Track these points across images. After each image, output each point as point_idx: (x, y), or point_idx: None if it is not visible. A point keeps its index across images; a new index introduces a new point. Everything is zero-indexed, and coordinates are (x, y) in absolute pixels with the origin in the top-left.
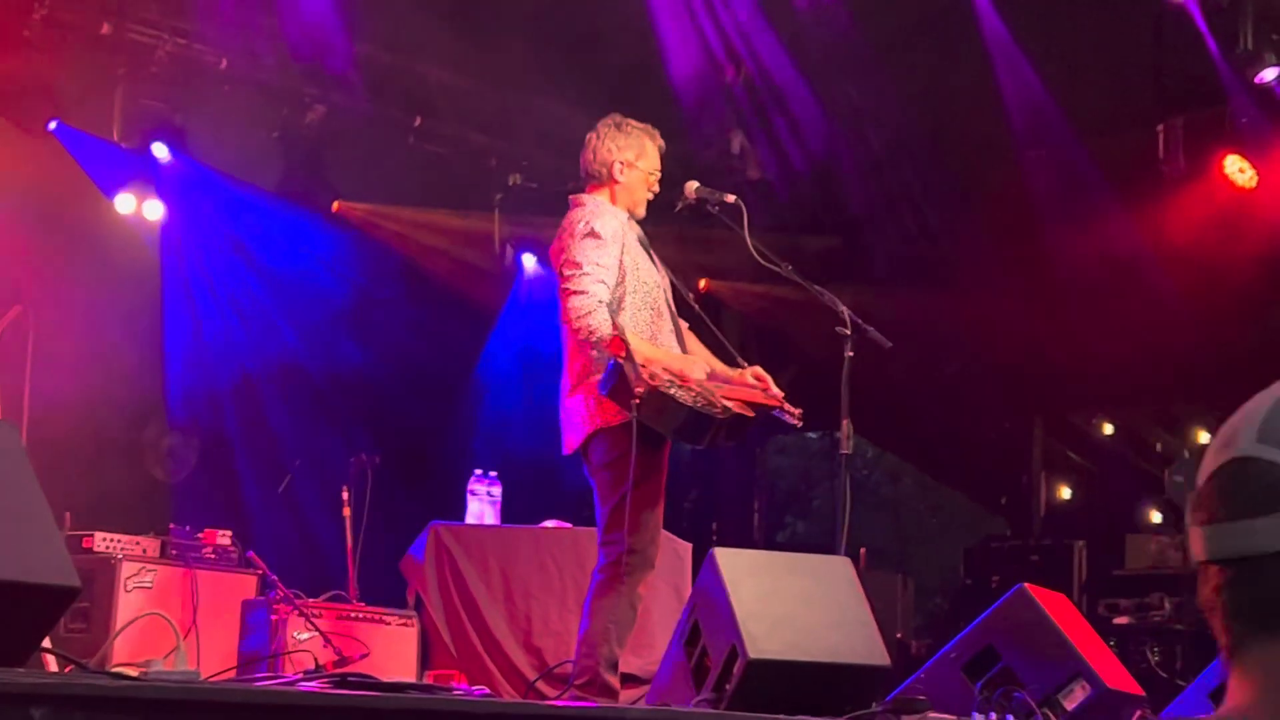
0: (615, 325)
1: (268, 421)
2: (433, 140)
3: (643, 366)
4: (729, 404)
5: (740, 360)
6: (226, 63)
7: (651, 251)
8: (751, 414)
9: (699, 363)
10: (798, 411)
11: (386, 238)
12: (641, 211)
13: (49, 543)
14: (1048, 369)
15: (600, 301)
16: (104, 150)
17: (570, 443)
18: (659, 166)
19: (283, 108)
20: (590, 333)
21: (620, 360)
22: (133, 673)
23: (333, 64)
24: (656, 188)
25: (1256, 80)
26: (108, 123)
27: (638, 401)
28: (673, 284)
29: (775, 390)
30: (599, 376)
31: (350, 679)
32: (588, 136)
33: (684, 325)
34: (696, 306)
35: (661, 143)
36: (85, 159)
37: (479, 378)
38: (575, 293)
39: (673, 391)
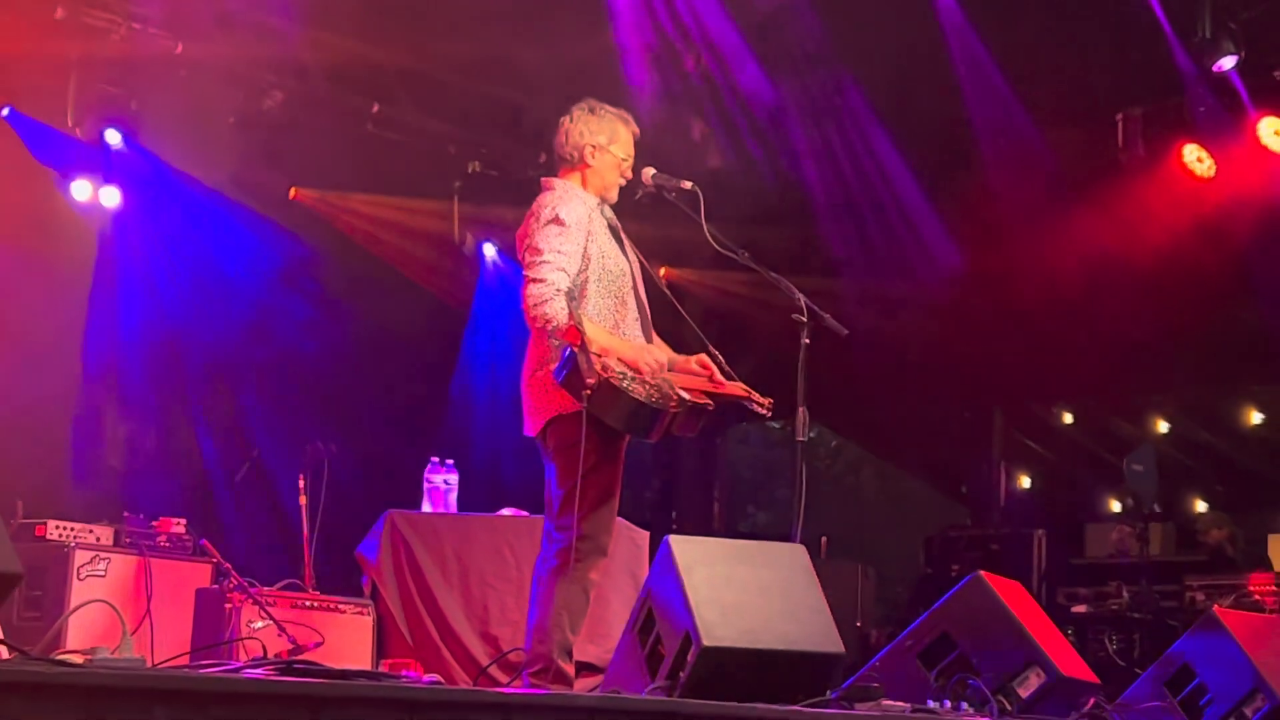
0: (572, 314)
1: (224, 410)
2: (391, 127)
3: (597, 356)
4: (685, 395)
5: (711, 349)
6: (182, 48)
7: (623, 238)
8: (710, 404)
9: (658, 352)
10: (767, 401)
11: (343, 225)
12: (613, 196)
13: None
14: (1008, 359)
15: (558, 290)
16: (57, 138)
17: (530, 426)
18: (632, 152)
19: (239, 93)
20: (546, 321)
21: (575, 349)
22: (78, 660)
23: (290, 50)
24: (629, 173)
25: (1215, 69)
26: (62, 109)
27: (589, 393)
28: (644, 270)
29: (720, 377)
30: (556, 364)
31: (296, 665)
32: (560, 120)
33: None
34: (668, 293)
35: (635, 128)
36: (38, 146)
37: (437, 365)
38: (534, 280)
39: (625, 385)
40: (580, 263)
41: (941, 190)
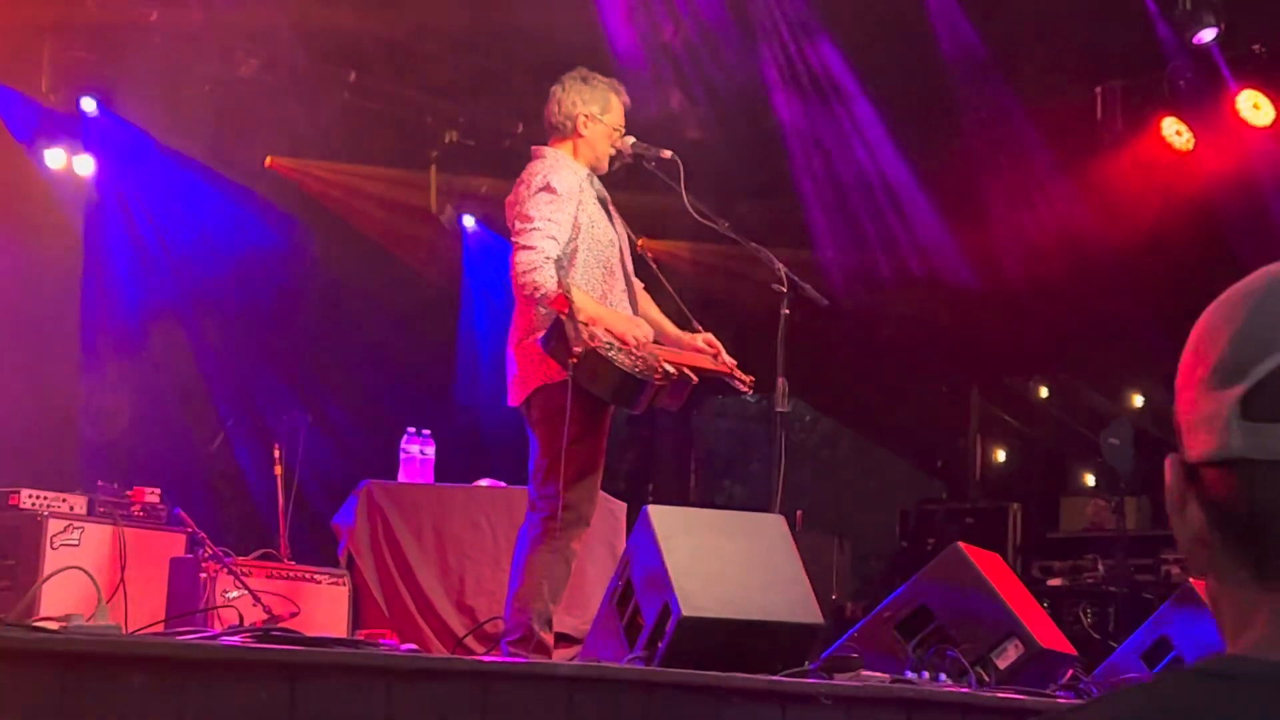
0: (561, 282)
1: (199, 379)
2: (368, 96)
3: (584, 325)
4: (670, 368)
5: (696, 324)
6: (157, 14)
7: (611, 209)
8: (694, 379)
9: (644, 325)
10: (749, 379)
11: (320, 194)
12: (604, 166)
13: None
14: (984, 333)
15: (548, 258)
16: (28, 105)
17: (514, 395)
18: (623, 122)
19: (214, 61)
20: (535, 289)
21: (562, 317)
22: (53, 626)
23: (266, 18)
24: (620, 143)
25: (1195, 41)
26: (36, 76)
27: (575, 361)
28: (631, 243)
29: (726, 357)
30: (543, 333)
31: (274, 633)
32: (552, 89)
33: (639, 286)
34: (654, 266)
35: (627, 99)
36: (8, 114)
37: (415, 335)
38: (524, 248)
39: (611, 354)
40: (570, 231)
41: (921, 162)
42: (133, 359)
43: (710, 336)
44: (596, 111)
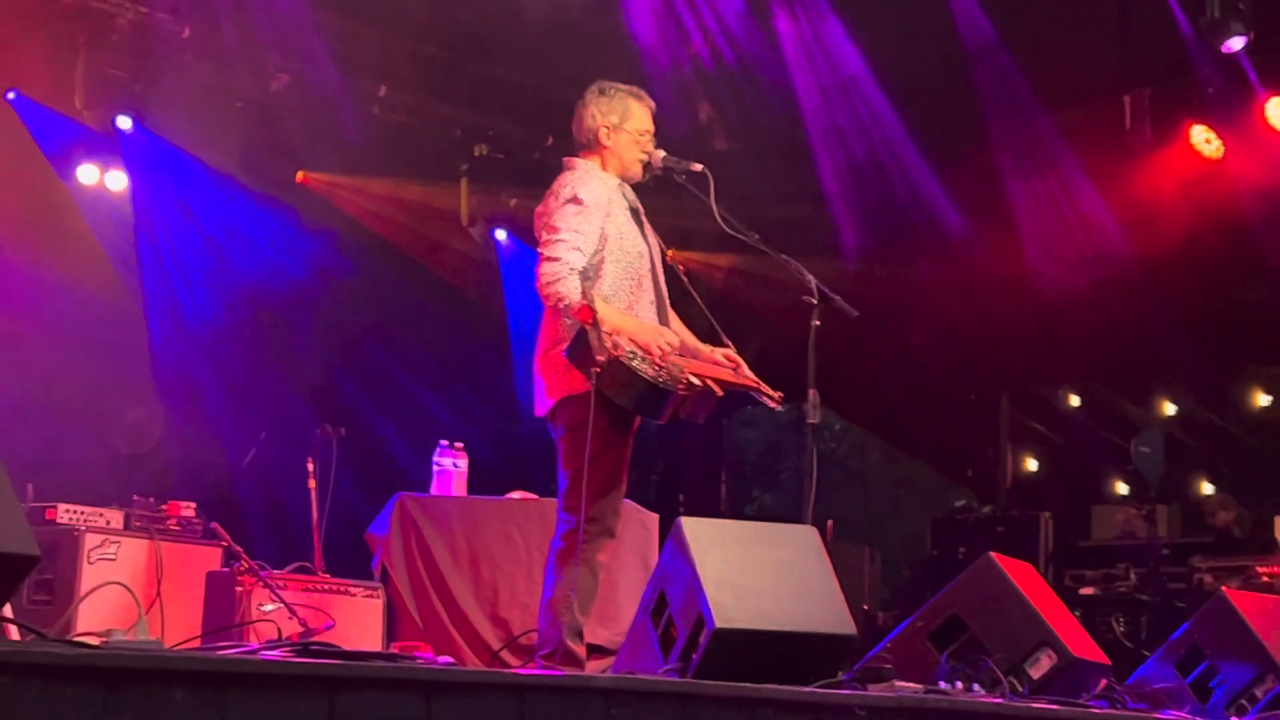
0: (585, 292)
1: (233, 393)
2: (398, 110)
3: (607, 335)
4: (695, 379)
5: (725, 339)
6: (189, 31)
7: (644, 221)
8: (720, 392)
9: (670, 335)
10: (778, 395)
11: (352, 208)
12: (636, 173)
13: (7, 510)
14: (1013, 341)
15: (572, 269)
16: (63, 122)
17: (540, 406)
18: (649, 126)
19: (246, 77)
20: (559, 299)
21: (586, 327)
22: (94, 642)
23: (296, 33)
24: (650, 147)
25: (1223, 49)
26: (69, 93)
27: (598, 370)
28: (662, 256)
29: (748, 372)
30: (567, 344)
31: (313, 647)
32: (576, 106)
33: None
34: (685, 280)
35: (651, 103)
36: (42, 131)
37: (448, 348)
38: (549, 259)
39: (634, 364)
40: (597, 243)
41: (950, 172)
42: (166, 373)
43: (730, 351)
44: (616, 121)
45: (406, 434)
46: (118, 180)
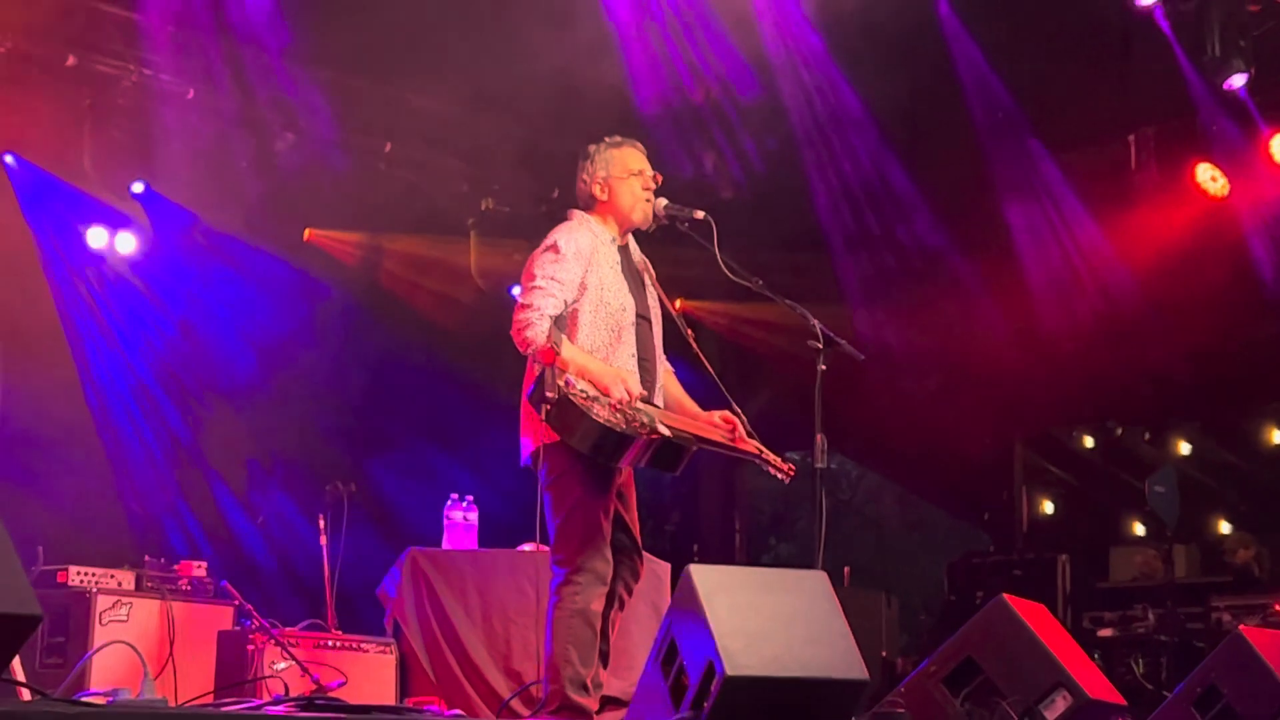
0: (550, 335)
1: (245, 451)
2: (403, 165)
3: (560, 373)
4: (664, 429)
5: (733, 405)
6: (193, 93)
7: (647, 279)
8: (692, 445)
9: (634, 380)
10: (786, 467)
11: (359, 264)
12: (641, 215)
13: (8, 572)
14: (1026, 384)
15: (543, 314)
16: (69, 187)
17: (523, 454)
18: (644, 165)
19: (251, 137)
20: (526, 344)
21: (546, 368)
22: (100, 701)
23: (299, 91)
24: (652, 184)
25: (1225, 87)
26: (77, 157)
27: (548, 408)
28: (666, 315)
29: (745, 437)
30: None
31: (317, 702)
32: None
33: (669, 369)
34: (694, 345)
35: (636, 143)
36: (49, 195)
37: (456, 403)
38: (523, 306)
39: (584, 404)
40: (575, 291)
41: (955, 215)
42: (177, 432)
43: (727, 414)
44: (604, 174)
45: (417, 488)
46: (127, 242)
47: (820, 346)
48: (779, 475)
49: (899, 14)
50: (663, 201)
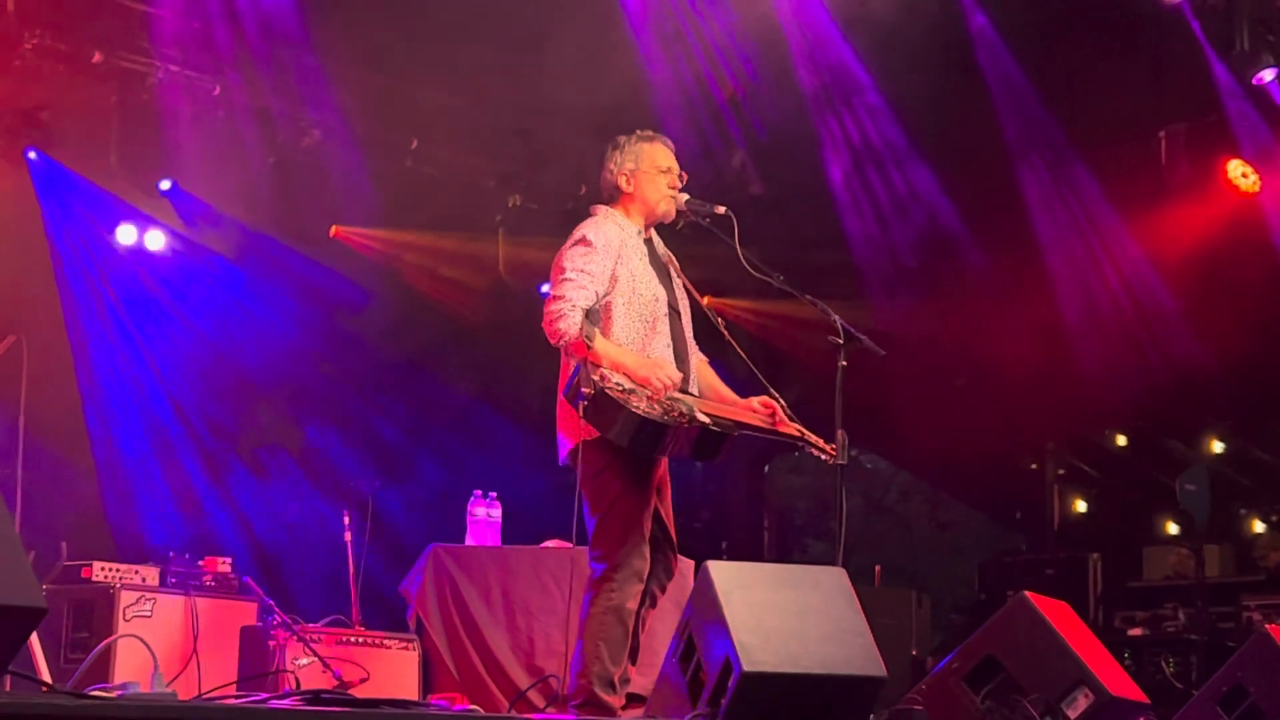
0: (584, 328)
1: (272, 446)
2: (430, 162)
3: (595, 367)
4: (702, 416)
5: (770, 389)
6: (219, 89)
7: (672, 270)
8: (734, 431)
9: (671, 368)
10: (830, 448)
11: (386, 261)
12: (665, 211)
13: (13, 563)
14: (1058, 383)
15: (575, 306)
16: (95, 186)
17: (560, 453)
18: (671, 162)
19: (278, 133)
20: (559, 336)
21: (580, 363)
22: (108, 695)
23: (325, 88)
24: (678, 181)
25: (1255, 81)
26: (104, 155)
27: (585, 404)
28: (696, 307)
29: (789, 421)
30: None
31: (323, 696)
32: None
33: (703, 359)
34: (726, 334)
35: (666, 139)
36: (77, 196)
37: (482, 400)
38: (554, 298)
39: (621, 397)
40: (607, 284)
41: (983, 215)
42: (202, 430)
43: (766, 399)
44: (631, 166)
45: (440, 484)
46: (156, 239)
47: (840, 341)
48: (822, 456)
49: (926, 12)
50: (684, 196)
